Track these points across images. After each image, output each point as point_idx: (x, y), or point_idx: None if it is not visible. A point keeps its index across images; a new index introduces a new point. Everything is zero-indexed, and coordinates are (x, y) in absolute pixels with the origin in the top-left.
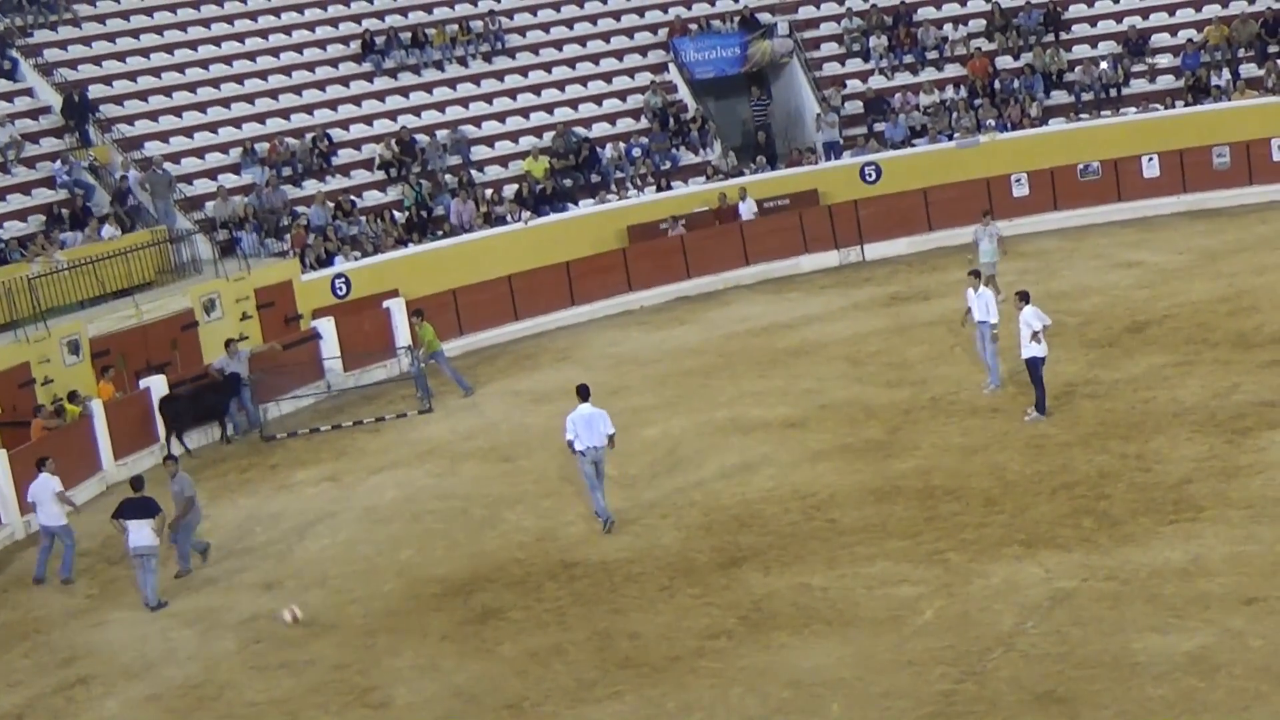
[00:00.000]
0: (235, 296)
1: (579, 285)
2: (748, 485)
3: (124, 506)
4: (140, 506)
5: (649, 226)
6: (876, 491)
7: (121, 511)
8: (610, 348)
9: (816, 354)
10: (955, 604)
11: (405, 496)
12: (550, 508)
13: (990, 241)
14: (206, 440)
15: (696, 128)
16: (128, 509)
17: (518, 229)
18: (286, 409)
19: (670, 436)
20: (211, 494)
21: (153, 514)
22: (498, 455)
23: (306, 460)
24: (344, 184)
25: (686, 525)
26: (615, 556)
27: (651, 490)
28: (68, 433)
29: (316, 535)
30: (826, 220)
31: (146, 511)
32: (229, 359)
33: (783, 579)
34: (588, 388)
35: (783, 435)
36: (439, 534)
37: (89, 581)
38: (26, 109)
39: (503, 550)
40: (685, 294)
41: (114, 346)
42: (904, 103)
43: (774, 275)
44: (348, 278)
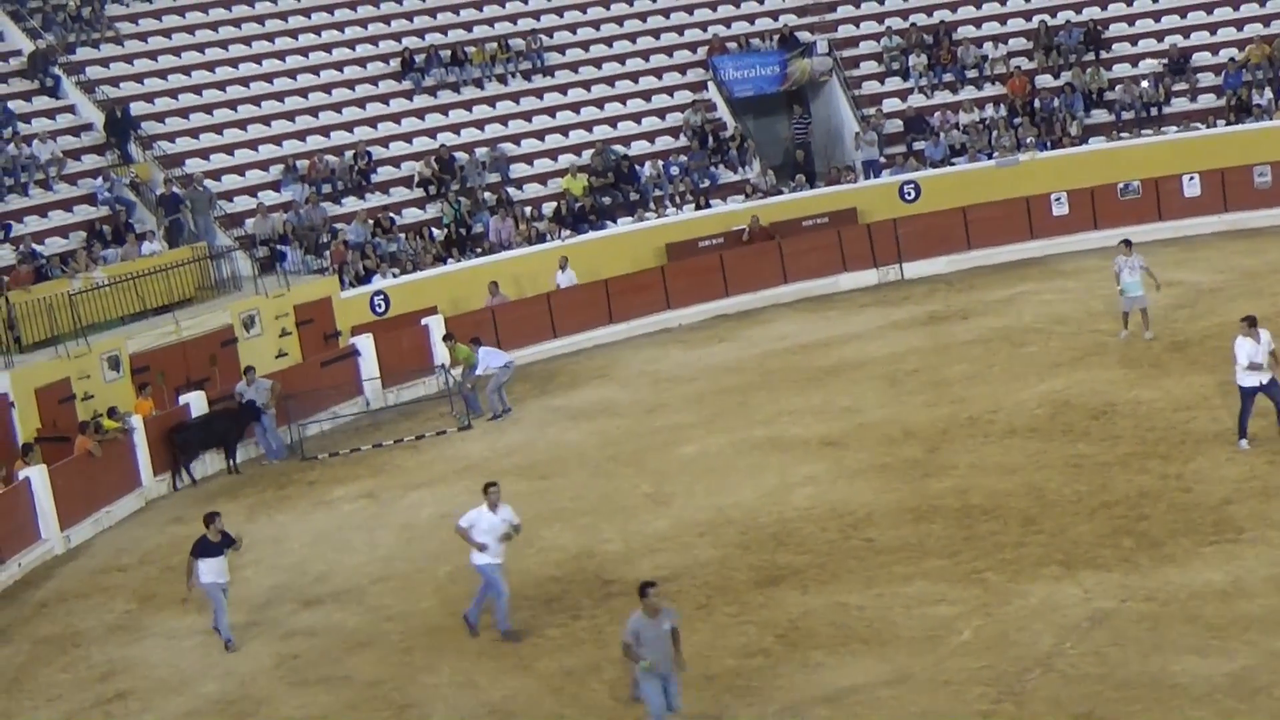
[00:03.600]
0: (275, 313)
1: (617, 303)
2: (785, 504)
3: (203, 546)
4: (215, 545)
5: (687, 244)
6: (914, 510)
7: (201, 549)
8: (648, 365)
9: (855, 372)
10: (993, 624)
11: (442, 513)
12: (587, 525)
13: (1132, 274)
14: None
15: (735, 146)
16: (208, 548)
17: (556, 247)
18: (324, 426)
19: (708, 454)
20: (249, 510)
21: (230, 546)
22: (535, 472)
23: (344, 477)
24: (383, 201)
25: (724, 543)
26: (653, 575)
27: (689, 508)
28: (106, 448)
29: (354, 551)
30: (865, 239)
31: (221, 549)
32: (246, 386)
33: (820, 598)
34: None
35: (821, 454)
36: None
37: (127, 596)
38: (68, 126)
39: (540, 567)
40: (724, 312)
41: (153, 363)
42: (943, 121)
43: (813, 293)
44: (386, 295)
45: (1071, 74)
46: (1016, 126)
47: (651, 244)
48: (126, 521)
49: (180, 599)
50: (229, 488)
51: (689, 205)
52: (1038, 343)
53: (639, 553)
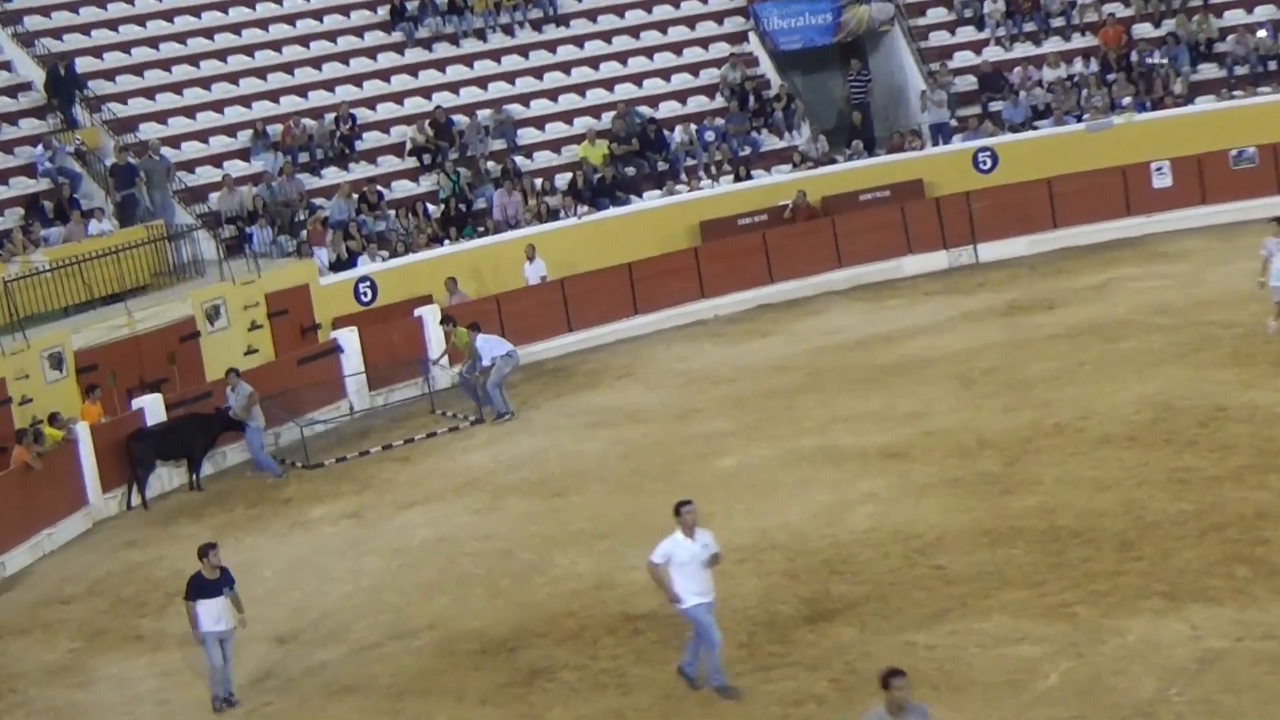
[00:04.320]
0: (243, 303)
1: (643, 290)
2: (840, 525)
3: (197, 584)
4: (213, 583)
5: (725, 222)
6: (992, 533)
7: (195, 590)
8: (679, 363)
9: (921, 372)
10: (1085, 666)
11: (439, 536)
12: (609, 550)
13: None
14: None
15: (781, 107)
16: (204, 587)
17: (571, 225)
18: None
19: (749, 468)
20: (215, 532)
21: (229, 585)
22: (547, 489)
23: (324, 494)
24: (370, 172)
25: (768, 572)
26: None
27: (727, 530)
28: (48, 460)
29: (336, 581)
30: (933, 215)
31: (220, 587)
32: (230, 391)
33: (881, 636)
34: None
35: (881, 467)
36: (478, 580)
37: (72, 632)
38: (3, 85)
39: (553, 600)
40: (767, 301)
41: (103, 361)
42: (1024, 78)
43: (871, 279)
44: (374, 281)
45: (1175, 22)
46: (1110, 84)
47: (683, 222)
48: (71, 545)
49: (134, 636)
50: (191, 506)
51: (726, 177)
52: (1136, 337)
53: None
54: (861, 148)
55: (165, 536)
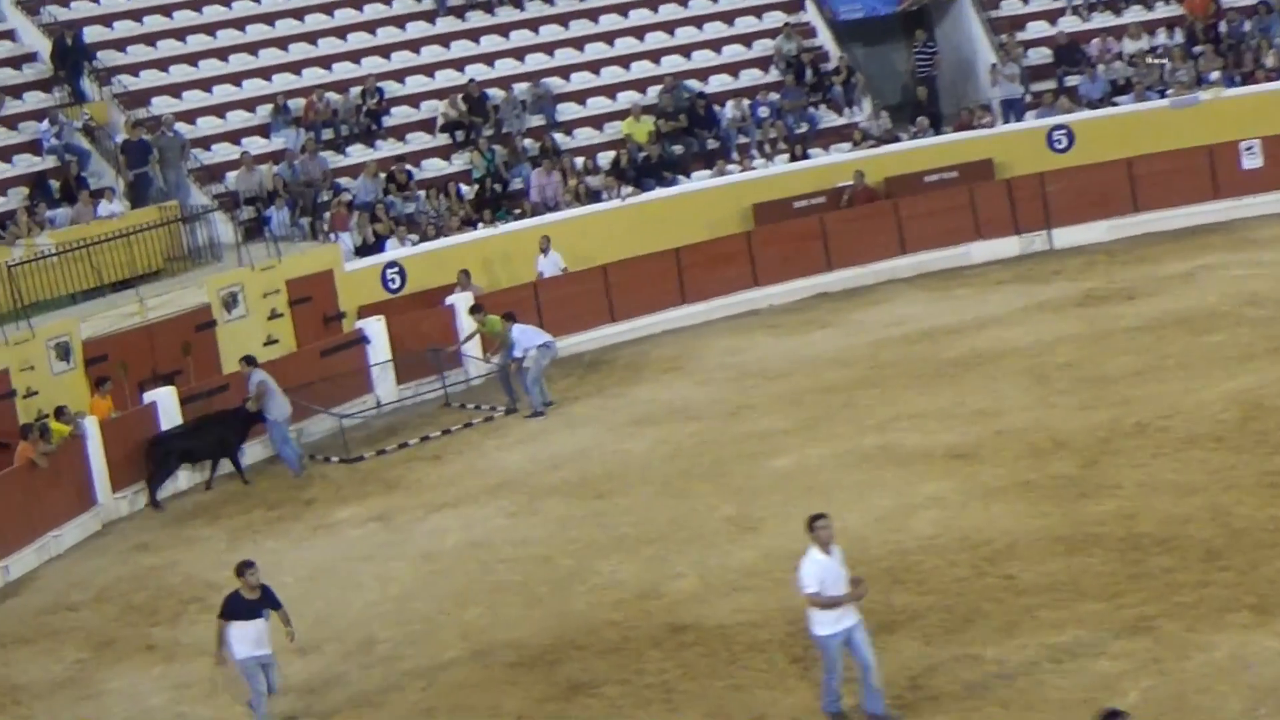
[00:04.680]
0: (262, 290)
1: (691, 278)
2: (903, 531)
3: (234, 605)
4: (252, 604)
5: (779, 205)
6: (1067, 541)
7: (230, 610)
8: (730, 357)
9: (991, 366)
10: (1167, 684)
11: (472, 541)
12: (653, 557)
13: None
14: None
15: (840, 81)
16: (242, 608)
17: (614, 207)
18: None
19: (806, 469)
20: (231, 536)
21: (273, 607)
22: (588, 490)
23: (349, 495)
24: (398, 150)
25: None
26: (736, 619)
27: (782, 536)
28: (54, 458)
29: (361, 588)
30: (1004, 198)
31: (260, 609)
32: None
33: (947, 649)
34: None
35: (948, 468)
36: (514, 588)
37: (79, 642)
38: (6, 55)
39: (594, 610)
40: (825, 290)
41: (113, 351)
42: (1103, 50)
43: (938, 266)
44: (402, 267)
45: None
46: (1197, 57)
47: (735, 204)
48: (79, 549)
49: (145, 645)
50: (207, 507)
51: (781, 156)
52: (1224, 329)
53: (718, 591)
54: (927, 125)
55: (179, 539)
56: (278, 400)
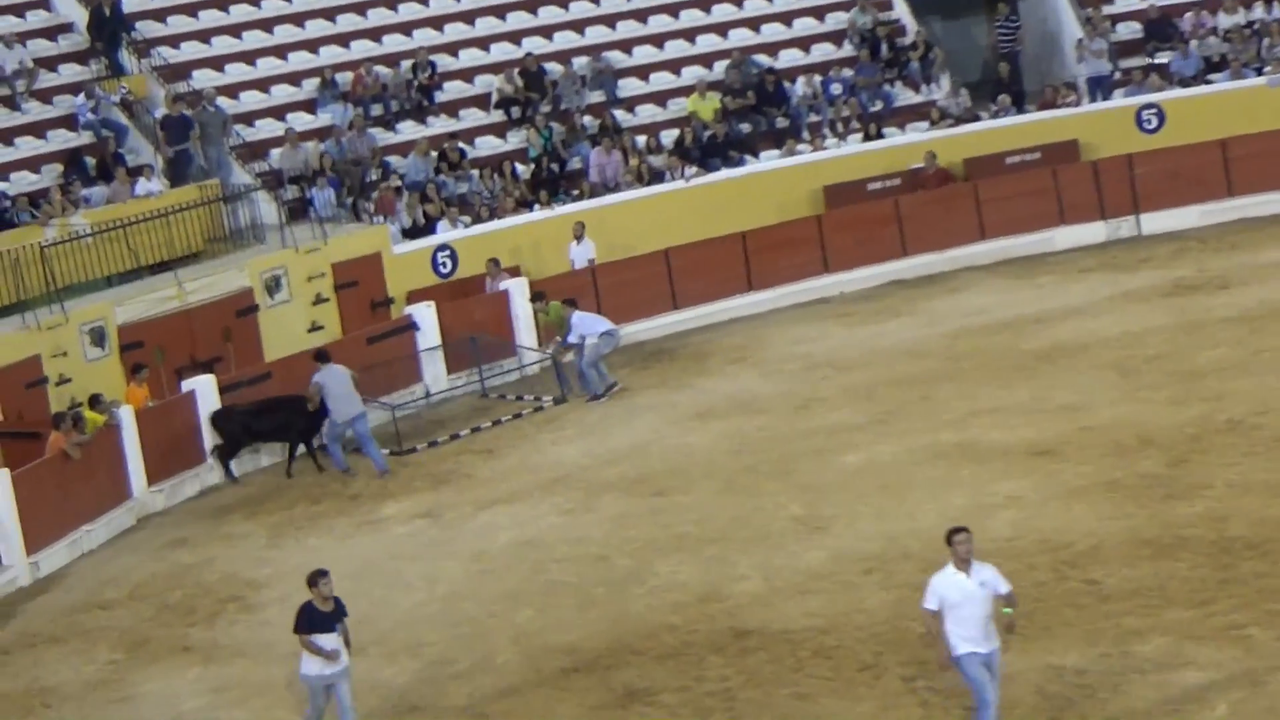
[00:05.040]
0: (307, 273)
1: (759, 264)
2: (981, 532)
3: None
4: (326, 616)
5: (852, 187)
6: (1153, 543)
7: (308, 622)
8: (798, 347)
9: (1074, 359)
10: (1259, 697)
11: (525, 539)
12: (716, 557)
13: None
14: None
15: (918, 57)
16: (317, 620)
17: (677, 189)
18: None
19: (878, 466)
20: (272, 531)
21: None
22: (648, 487)
23: (396, 490)
24: (451, 127)
25: (898, 584)
26: (803, 624)
27: (852, 536)
28: (87, 449)
29: (408, 588)
30: (1090, 181)
31: (333, 621)
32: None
33: (1025, 658)
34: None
35: (1029, 466)
36: (569, 590)
37: (113, 642)
38: (41, 26)
39: (653, 613)
40: (900, 277)
41: (149, 337)
42: (1196, 25)
43: (1019, 253)
44: (453, 250)
45: None
46: None
47: (805, 186)
48: (112, 544)
49: (181, 647)
50: (246, 501)
51: (855, 135)
52: None
53: (784, 594)
54: (1009, 103)
55: (217, 535)
56: (340, 402)
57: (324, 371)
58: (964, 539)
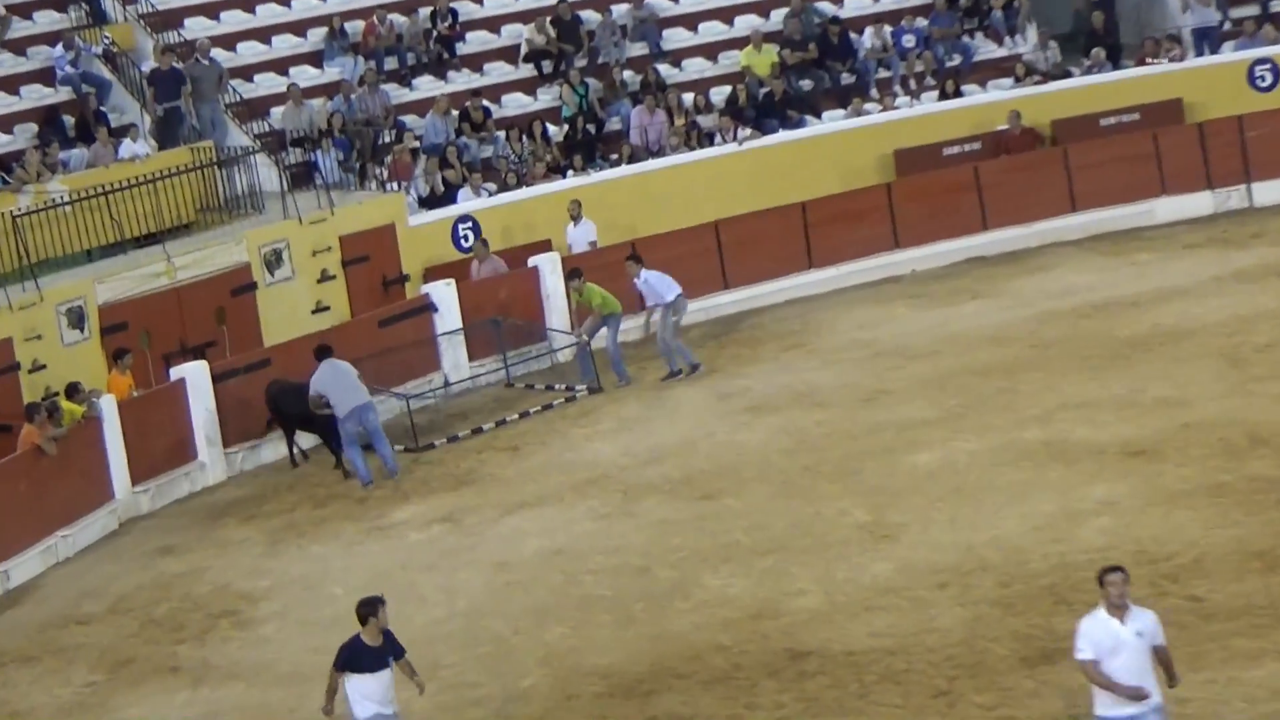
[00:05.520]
0: (311, 247)
1: (820, 238)
2: (1069, 542)
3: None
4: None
5: (927, 151)
6: (1265, 556)
7: (349, 659)
8: (864, 332)
9: (1176, 346)
10: None
11: (555, 548)
12: (771, 569)
13: None
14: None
15: (1000, 5)
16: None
17: (728, 153)
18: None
19: (953, 467)
20: (271, 537)
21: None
22: (694, 489)
23: (410, 491)
24: (474, 83)
25: (976, 600)
26: (868, 644)
27: (924, 546)
28: (64, 443)
29: (424, 603)
30: (1196, 145)
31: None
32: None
33: None
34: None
35: (1123, 468)
36: (604, 605)
37: (92, 661)
38: None
39: (699, 631)
40: (979, 253)
41: (134, 318)
42: None
43: (1114, 226)
44: (476, 222)
45: None
46: None
47: (873, 150)
48: (92, 551)
49: (168, 667)
50: (241, 502)
51: (929, 94)
52: None
53: (847, 611)
54: (1104, 57)
55: (209, 541)
56: (341, 395)
57: (321, 370)
58: (1117, 580)
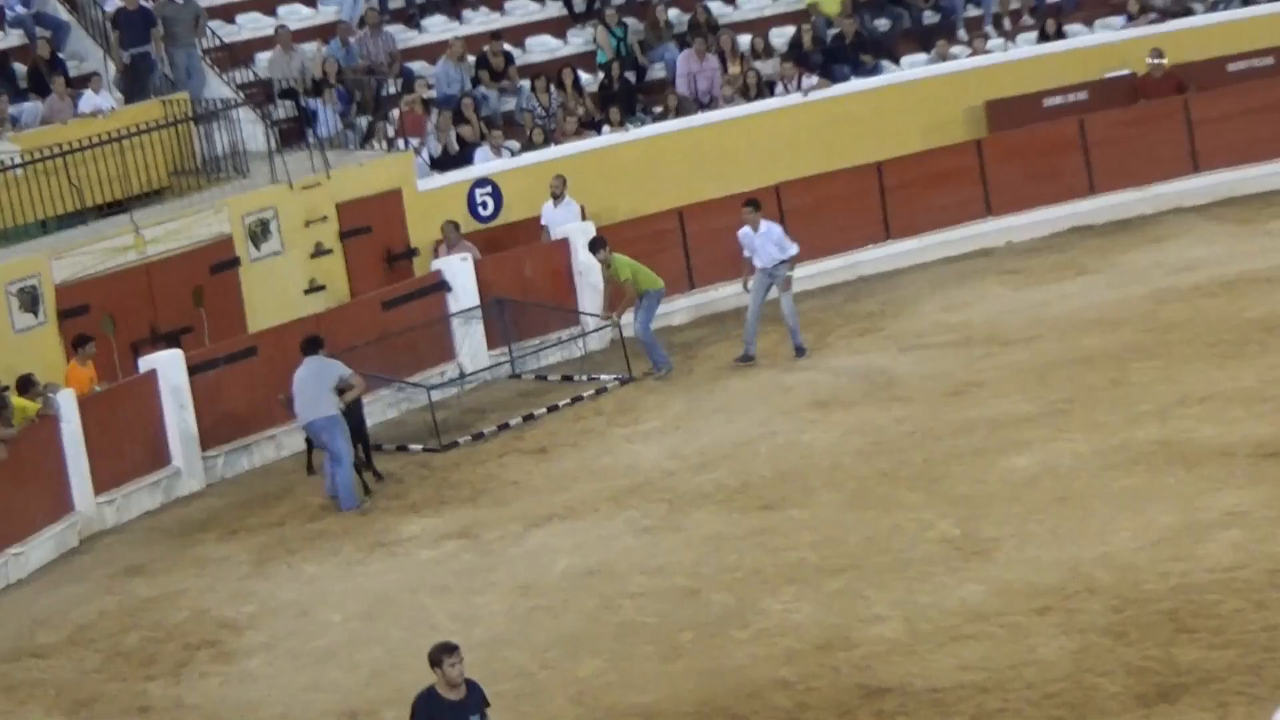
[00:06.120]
0: (304, 216)
1: (898, 203)
2: (1192, 559)
3: (429, 710)
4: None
5: (1024, 103)
6: None
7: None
8: (951, 314)
9: None
10: None
11: (589, 567)
12: (842, 591)
13: None
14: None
15: None
16: (442, 713)
17: (792, 105)
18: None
19: (1055, 471)
20: (257, 555)
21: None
22: (752, 497)
23: (420, 501)
24: (493, 24)
25: (1082, 628)
26: (956, 680)
27: (1022, 564)
28: (16, 445)
29: (436, 632)
30: None
31: (466, 715)
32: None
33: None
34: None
35: (1256, 472)
36: (647, 634)
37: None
38: None
39: (758, 665)
40: (1085, 221)
41: (97, 300)
42: None
43: (1243, 190)
44: (497, 186)
45: None
46: None
47: (961, 101)
48: (48, 571)
49: (137, 707)
50: (222, 514)
51: (1027, 35)
52: None
53: (931, 640)
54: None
55: (185, 560)
56: (301, 400)
57: (302, 366)
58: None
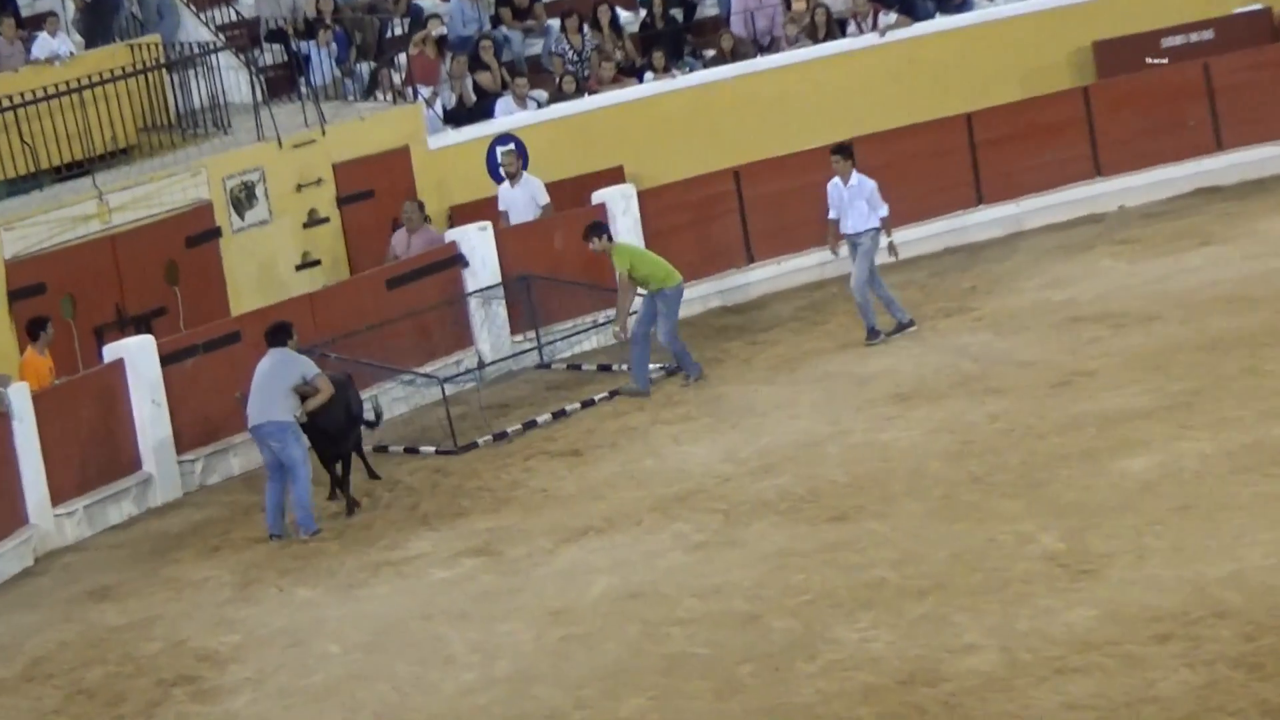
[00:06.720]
0: (295, 179)
1: (992, 162)
2: None
3: None
4: None
5: (1136, 44)
6: None
7: None
8: (1053, 291)
9: None
10: None
11: (632, 590)
12: (928, 616)
13: None
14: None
15: None
16: None
17: (866, 46)
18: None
19: (1176, 474)
20: (241, 576)
21: None
22: (821, 508)
23: (432, 513)
24: None
25: (1210, 658)
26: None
27: (1138, 585)
28: None
29: (453, 665)
30: None
31: None
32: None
33: None
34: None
35: None
36: (699, 667)
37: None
38: None
39: (829, 702)
40: (1210, 183)
41: (54, 279)
42: None
43: None
44: (520, 144)
45: None
46: None
47: (1062, 43)
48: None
49: None
50: (201, 529)
51: None
52: None
53: (1033, 672)
54: None
55: (156, 581)
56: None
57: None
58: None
